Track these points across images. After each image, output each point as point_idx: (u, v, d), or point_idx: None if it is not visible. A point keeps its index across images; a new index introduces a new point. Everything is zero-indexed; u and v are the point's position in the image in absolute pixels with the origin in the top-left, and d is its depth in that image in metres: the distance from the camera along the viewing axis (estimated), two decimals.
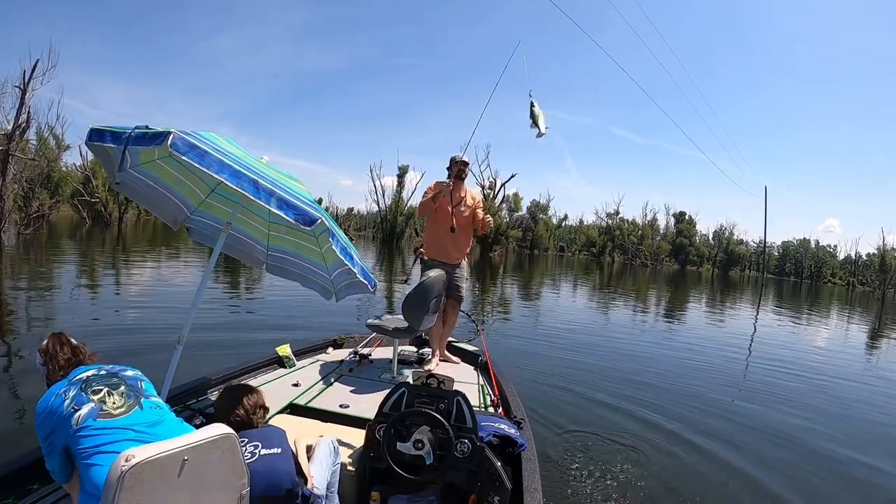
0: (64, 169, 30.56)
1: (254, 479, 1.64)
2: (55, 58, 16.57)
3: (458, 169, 3.99)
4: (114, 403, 1.47)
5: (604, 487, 3.21)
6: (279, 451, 1.77)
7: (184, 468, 1.21)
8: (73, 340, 1.70)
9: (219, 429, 1.33)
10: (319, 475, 1.90)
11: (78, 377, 1.52)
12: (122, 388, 1.52)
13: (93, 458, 1.34)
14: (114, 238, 21.13)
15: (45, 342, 1.67)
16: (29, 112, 16.05)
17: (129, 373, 1.62)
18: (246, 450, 1.72)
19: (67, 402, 1.43)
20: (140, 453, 1.16)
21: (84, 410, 1.41)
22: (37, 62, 16.02)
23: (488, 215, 4.11)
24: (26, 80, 15.76)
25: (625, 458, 3.69)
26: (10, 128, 15.63)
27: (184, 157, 1.77)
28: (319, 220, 1.96)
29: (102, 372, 1.56)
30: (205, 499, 1.31)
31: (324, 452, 1.99)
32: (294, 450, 1.87)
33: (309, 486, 1.81)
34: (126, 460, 1.13)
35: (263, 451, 1.74)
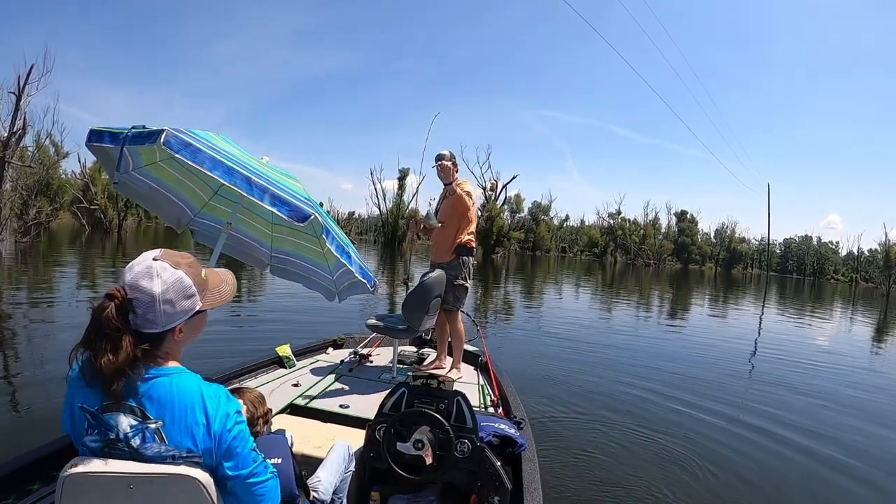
0: (63, 176, 30.67)
1: None
2: (50, 63, 16.30)
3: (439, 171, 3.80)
4: None
5: (604, 487, 3.19)
6: (279, 461, 1.66)
7: (129, 496, 1.07)
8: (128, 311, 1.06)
9: (182, 469, 1.07)
10: (327, 480, 1.87)
11: (111, 419, 1.07)
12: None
13: None
14: (114, 245, 21.13)
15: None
16: (25, 118, 15.80)
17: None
18: None
19: (89, 442, 1.09)
20: (83, 465, 1.05)
21: None
22: (31, 67, 15.74)
23: (459, 189, 3.63)
24: (21, 86, 15.49)
25: (626, 457, 3.67)
26: (5, 134, 15.35)
27: (177, 155, 1.77)
28: (313, 217, 1.96)
29: (136, 443, 1.08)
30: None
31: (338, 457, 1.97)
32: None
33: (310, 498, 1.76)
34: (71, 466, 1.06)
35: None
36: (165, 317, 1.08)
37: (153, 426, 1.07)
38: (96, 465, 1.06)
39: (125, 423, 1.07)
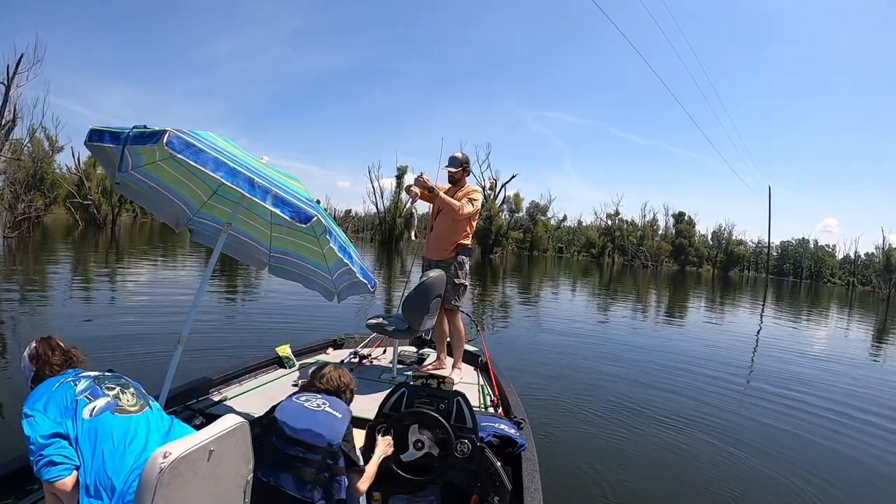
0: (58, 171, 30.42)
1: (303, 422, 1.73)
2: (42, 52, 16.11)
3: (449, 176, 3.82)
4: (128, 401, 1.50)
5: (604, 487, 3.21)
6: (339, 415, 1.81)
7: (210, 459, 1.25)
8: (62, 344, 1.64)
9: (233, 419, 1.38)
10: None
11: (84, 374, 1.53)
12: (132, 388, 1.58)
13: (114, 452, 1.35)
14: (107, 241, 20.97)
15: (33, 345, 1.61)
16: (15, 109, 15.52)
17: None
18: (314, 400, 1.83)
19: (79, 389, 1.44)
20: (176, 449, 1.16)
21: (100, 402, 1.43)
22: (21, 56, 15.43)
23: (462, 202, 3.64)
24: (10, 76, 15.16)
25: (625, 457, 3.69)
26: None
27: (179, 156, 1.77)
28: (316, 218, 1.96)
29: (108, 374, 1.59)
30: (223, 486, 1.36)
31: None
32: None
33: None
34: (164, 457, 1.13)
35: (328, 409, 1.81)
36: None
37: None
38: (185, 444, 1.20)
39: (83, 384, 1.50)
